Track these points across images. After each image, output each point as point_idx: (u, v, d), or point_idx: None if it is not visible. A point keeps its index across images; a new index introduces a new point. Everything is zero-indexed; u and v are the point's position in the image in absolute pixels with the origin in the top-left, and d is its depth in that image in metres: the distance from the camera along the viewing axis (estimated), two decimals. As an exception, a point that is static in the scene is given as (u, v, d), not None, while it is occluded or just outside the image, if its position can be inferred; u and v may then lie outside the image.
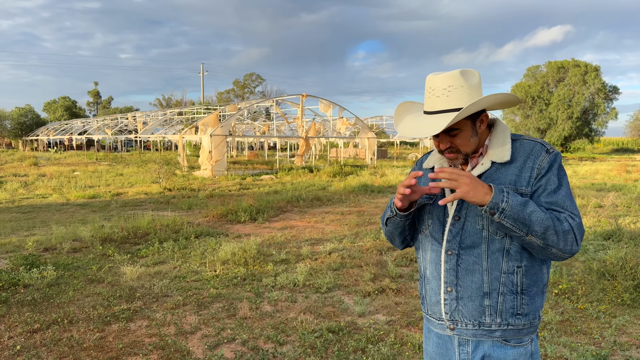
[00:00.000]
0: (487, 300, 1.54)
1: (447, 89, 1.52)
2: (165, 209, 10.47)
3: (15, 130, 51.69)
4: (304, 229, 8.24)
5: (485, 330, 1.55)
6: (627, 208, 10.06)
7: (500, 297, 1.53)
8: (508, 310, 1.53)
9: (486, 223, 1.53)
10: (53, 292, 4.80)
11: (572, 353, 3.47)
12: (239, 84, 66.22)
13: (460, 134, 1.55)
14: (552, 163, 1.53)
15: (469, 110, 1.49)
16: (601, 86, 39.49)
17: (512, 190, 1.52)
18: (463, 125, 1.55)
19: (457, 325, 1.59)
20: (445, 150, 1.59)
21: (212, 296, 4.71)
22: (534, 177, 1.53)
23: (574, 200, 1.52)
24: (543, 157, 1.54)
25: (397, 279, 5.25)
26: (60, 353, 3.50)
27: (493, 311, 1.53)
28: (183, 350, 3.54)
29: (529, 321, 1.55)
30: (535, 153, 1.55)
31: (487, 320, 1.54)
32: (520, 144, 1.59)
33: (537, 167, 1.53)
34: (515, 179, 1.54)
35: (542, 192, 1.51)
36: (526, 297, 1.54)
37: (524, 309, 1.54)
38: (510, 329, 1.54)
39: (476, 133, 1.58)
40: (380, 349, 3.53)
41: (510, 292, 1.53)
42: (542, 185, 1.52)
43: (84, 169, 21.21)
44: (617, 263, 4.97)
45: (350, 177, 17.57)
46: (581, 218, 1.52)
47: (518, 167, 1.55)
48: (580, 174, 19.40)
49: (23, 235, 7.63)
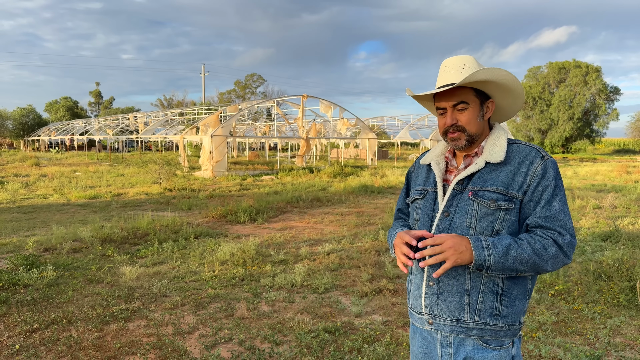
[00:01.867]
0: (467, 297, 1.55)
1: (461, 66, 1.59)
2: (165, 209, 10.51)
3: (17, 130, 51.81)
4: (303, 229, 8.27)
5: (463, 328, 1.57)
6: (626, 209, 10.07)
7: (480, 295, 1.54)
8: (487, 309, 1.54)
9: (474, 222, 1.55)
10: (52, 292, 4.84)
11: (566, 353, 3.49)
12: (240, 84, 66.32)
13: (468, 109, 1.60)
14: (547, 170, 1.54)
15: (486, 73, 1.54)
16: (602, 87, 39.47)
17: (503, 192, 1.54)
18: (472, 101, 1.60)
19: (436, 320, 1.61)
20: (451, 127, 1.62)
21: (210, 296, 4.75)
22: (527, 183, 1.54)
23: (568, 212, 1.54)
24: (537, 164, 1.55)
25: (394, 279, 5.27)
26: (58, 352, 3.54)
27: (472, 309, 1.55)
28: (180, 350, 3.58)
29: (507, 324, 1.56)
30: (530, 159, 1.56)
31: (465, 318, 1.56)
32: (516, 148, 1.61)
33: (531, 174, 1.54)
34: (508, 182, 1.55)
35: (537, 204, 1.52)
36: (506, 298, 1.55)
37: (503, 311, 1.55)
38: (487, 329, 1.55)
39: (482, 116, 1.63)
40: (376, 349, 3.56)
41: (491, 292, 1.54)
42: (537, 197, 1.53)
43: (85, 170, 21.27)
44: (613, 264, 4.99)
45: (350, 178, 17.59)
46: (573, 228, 1.53)
47: (512, 170, 1.57)
48: (581, 175, 19.40)
49: (23, 235, 7.67)
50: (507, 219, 1.54)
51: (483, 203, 1.54)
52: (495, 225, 1.54)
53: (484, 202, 1.54)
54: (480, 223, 1.54)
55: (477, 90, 1.62)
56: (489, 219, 1.54)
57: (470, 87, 1.60)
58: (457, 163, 1.69)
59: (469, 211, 1.56)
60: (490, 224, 1.54)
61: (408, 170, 1.90)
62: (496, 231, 1.54)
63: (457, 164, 1.69)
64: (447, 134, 1.64)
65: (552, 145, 41.95)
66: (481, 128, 1.64)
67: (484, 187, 1.56)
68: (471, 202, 1.56)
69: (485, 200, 1.54)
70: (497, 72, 1.57)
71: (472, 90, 1.61)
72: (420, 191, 1.73)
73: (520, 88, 1.63)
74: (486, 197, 1.55)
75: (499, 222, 1.54)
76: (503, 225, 1.54)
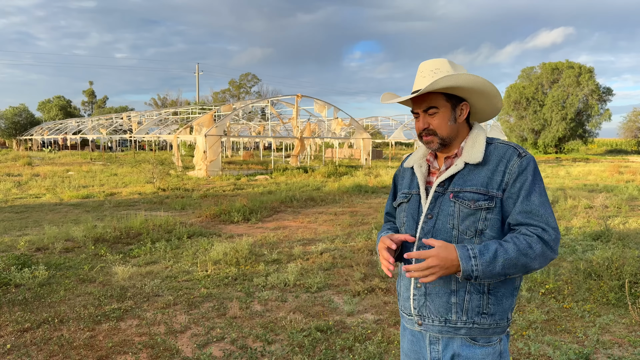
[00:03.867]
0: (454, 297, 1.57)
1: (433, 70, 1.61)
2: (158, 209, 10.48)
3: (9, 129, 51.47)
4: (297, 229, 8.28)
5: (451, 328, 1.58)
6: (617, 209, 10.16)
7: (467, 295, 1.56)
8: (474, 308, 1.55)
9: (456, 222, 1.57)
10: (44, 291, 4.82)
11: (555, 351, 3.53)
12: (234, 84, 66.19)
13: (438, 114, 1.62)
14: (524, 168, 1.55)
15: (447, 80, 1.54)
16: (595, 87, 39.74)
17: (483, 192, 1.55)
18: (442, 106, 1.62)
19: (425, 320, 1.63)
20: (423, 131, 1.65)
21: (203, 296, 4.75)
22: (505, 181, 1.56)
23: (548, 206, 1.54)
24: (514, 161, 1.56)
25: (386, 278, 5.30)
26: (50, 352, 3.53)
27: (459, 309, 1.56)
28: (172, 349, 3.58)
29: (495, 321, 1.57)
30: (507, 157, 1.58)
31: (452, 318, 1.57)
32: (494, 147, 1.62)
33: (509, 172, 1.55)
34: (487, 182, 1.57)
35: (516, 201, 1.53)
36: (493, 297, 1.56)
37: (490, 309, 1.56)
38: (475, 328, 1.57)
39: (454, 120, 1.64)
40: (368, 347, 3.58)
41: (477, 291, 1.55)
42: (515, 193, 1.54)
43: (78, 169, 21.16)
44: (603, 263, 5.04)
45: (344, 178, 17.62)
46: (556, 222, 1.53)
47: (490, 169, 1.58)
48: (573, 175, 19.54)
49: (15, 235, 7.63)
50: (490, 218, 1.55)
51: (464, 204, 1.56)
52: (478, 225, 1.55)
53: (465, 203, 1.56)
54: (462, 224, 1.56)
55: (449, 94, 1.63)
56: (471, 219, 1.55)
57: (440, 92, 1.61)
58: (439, 165, 1.71)
59: (451, 213, 1.58)
60: (472, 224, 1.55)
61: (395, 174, 1.92)
62: (479, 231, 1.55)
63: (438, 165, 1.71)
64: (421, 137, 1.68)
65: (545, 146, 42.19)
66: (454, 131, 1.65)
67: (464, 188, 1.58)
68: (452, 203, 1.58)
69: (465, 201, 1.56)
70: (462, 78, 1.56)
71: (442, 95, 1.62)
72: (405, 194, 1.75)
73: (492, 89, 1.63)
74: (466, 197, 1.56)
75: (482, 221, 1.55)
76: (486, 224, 1.55)
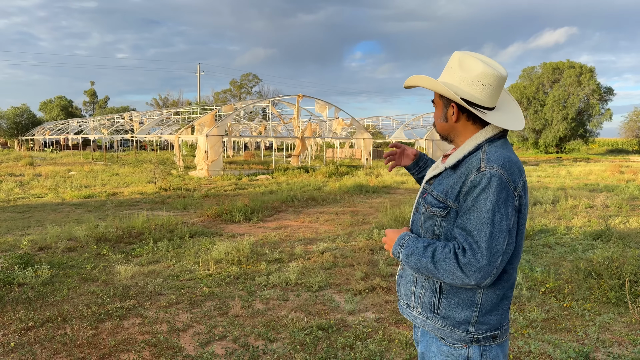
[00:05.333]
0: (413, 287, 1.68)
1: (448, 64, 1.66)
2: (160, 208, 10.51)
3: (11, 129, 51.57)
4: (298, 228, 8.30)
5: (410, 314, 1.70)
6: (618, 208, 10.17)
7: (422, 290, 1.65)
8: (427, 304, 1.63)
9: (421, 222, 1.65)
10: (47, 290, 4.85)
11: (555, 350, 3.55)
12: (235, 84, 66.19)
13: (436, 108, 1.71)
14: (477, 183, 1.45)
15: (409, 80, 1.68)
16: (596, 87, 39.74)
17: (441, 200, 1.55)
18: (437, 102, 1.69)
19: (399, 299, 1.77)
20: None
21: (205, 295, 4.78)
22: (462, 193, 1.50)
23: (485, 231, 1.41)
24: (472, 175, 1.48)
25: (387, 277, 5.32)
26: (54, 350, 3.56)
27: (416, 299, 1.67)
28: (175, 347, 3.61)
29: (448, 326, 1.57)
30: (470, 169, 1.50)
31: (411, 305, 1.69)
32: (476, 155, 1.53)
33: (465, 185, 1.49)
34: (448, 190, 1.55)
35: (460, 214, 1.50)
36: (445, 301, 1.58)
37: (442, 311, 1.59)
38: (429, 323, 1.63)
39: (445, 119, 1.65)
40: (368, 345, 3.60)
41: (430, 290, 1.62)
42: (462, 207, 1.49)
43: (80, 169, 21.21)
44: (603, 262, 5.06)
45: (345, 178, 17.64)
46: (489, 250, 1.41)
47: (456, 178, 1.54)
48: (574, 175, 19.55)
49: (18, 234, 7.67)
50: (444, 225, 1.56)
51: (425, 206, 1.63)
52: (435, 229, 1.59)
53: (425, 205, 1.63)
54: (424, 224, 1.63)
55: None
56: (430, 223, 1.61)
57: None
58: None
59: (421, 211, 1.67)
60: (430, 227, 1.61)
61: None
62: (436, 235, 1.59)
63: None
64: None
65: (546, 145, 42.18)
66: (446, 129, 1.67)
67: (433, 191, 1.62)
68: (422, 203, 1.66)
69: (426, 203, 1.62)
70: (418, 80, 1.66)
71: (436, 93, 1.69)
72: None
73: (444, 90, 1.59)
74: (427, 201, 1.62)
75: (437, 227, 1.58)
76: (441, 230, 1.57)
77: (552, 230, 7.75)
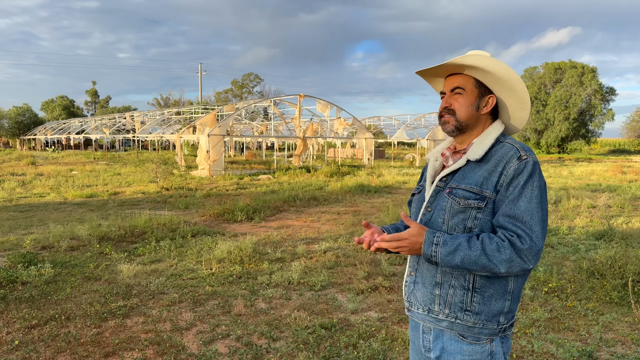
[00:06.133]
0: (438, 289, 1.59)
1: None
2: (162, 208, 10.53)
3: (13, 129, 51.65)
4: (300, 228, 8.31)
5: (433, 318, 1.61)
6: (620, 208, 10.16)
7: (451, 289, 1.57)
8: (457, 304, 1.56)
9: (447, 218, 1.59)
10: (50, 289, 4.86)
11: (558, 349, 3.55)
12: (237, 83, 66.23)
13: (463, 95, 1.63)
14: (521, 171, 1.50)
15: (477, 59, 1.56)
16: (598, 87, 39.69)
17: (476, 191, 1.54)
18: (469, 89, 1.63)
19: (412, 307, 1.69)
20: (443, 110, 1.66)
21: (208, 294, 4.78)
22: (500, 183, 1.52)
23: (537, 214, 1.47)
24: (512, 164, 1.52)
25: (390, 277, 5.33)
26: (57, 348, 3.57)
27: (442, 301, 1.58)
28: (178, 346, 3.62)
29: (480, 321, 1.55)
30: (507, 158, 1.54)
31: (435, 309, 1.60)
32: (501, 146, 1.58)
33: (505, 173, 1.52)
34: (482, 181, 1.55)
35: (503, 204, 1.50)
36: (479, 296, 1.54)
37: (475, 307, 1.54)
38: (458, 323, 1.56)
39: (477, 107, 1.63)
40: (371, 344, 3.61)
41: (461, 287, 1.55)
42: (506, 196, 1.50)
43: (82, 168, 21.24)
44: (606, 262, 5.05)
45: (347, 177, 17.64)
46: (542, 233, 1.47)
47: (489, 169, 1.56)
48: (576, 175, 19.52)
49: (21, 233, 7.68)
50: (480, 217, 1.54)
51: (455, 200, 1.57)
52: (467, 223, 1.55)
53: (456, 200, 1.56)
54: (452, 220, 1.57)
55: (479, 82, 1.64)
56: (460, 217, 1.55)
57: (471, 76, 1.63)
58: (455, 160, 1.71)
59: (443, 208, 1.59)
60: (462, 221, 1.55)
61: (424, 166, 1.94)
62: (468, 229, 1.55)
63: (453, 161, 1.71)
64: (441, 117, 1.68)
65: (548, 145, 42.14)
66: (473, 118, 1.64)
67: (460, 185, 1.58)
68: (447, 199, 1.59)
69: (457, 198, 1.56)
70: (492, 62, 1.56)
71: (473, 80, 1.63)
72: (418, 186, 1.82)
73: (522, 86, 1.60)
74: (458, 195, 1.56)
75: (471, 220, 1.54)
76: (475, 223, 1.54)
77: (554, 230, 7.74)
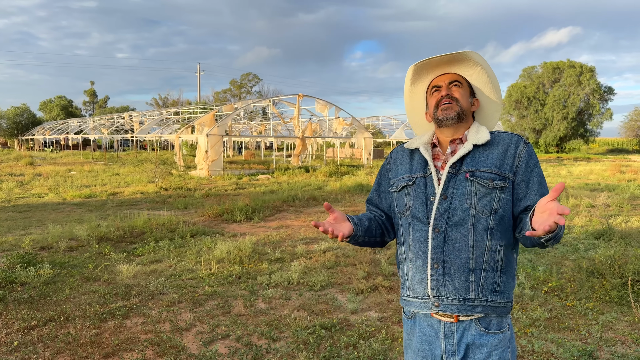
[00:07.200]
0: (472, 276, 1.61)
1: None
2: (161, 208, 10.51)
3: (11, 129, 51.57)
4: (299, 228, 8.30)
5: (469, 306, 1.61)
6: (619, 208, 10.17)
7: (483, 273, 1.61)
8: (488, 286, 1.62)
9: (474, 201, 1.61)
10: (50, 289, 4.85)
11: (558, 348, 3.55)
12: (235, 83, 66.18)
13: (461, 87, 1.74)
14: (531, 154, 1.67)
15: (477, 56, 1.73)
16: (596, 87, 39.71)
17: (497, 173, 1.63)
18: (465, 84, 1.76)
19: (443, 301, 1.63)
20: (445, 97, 1.72)
21: (207, 294, 4.78)
22: (515, 165, 1.64)
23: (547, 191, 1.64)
24: (522, 147, 1.67)
25: (389, 276, 5.32)
26: (57, 349, 3.56)
27: (476, 287, 1.61)
28: (178, 346, 3.61)
29: (503, 300, 1.65)
30: (515, 142, 1.68)
31: (470, 296, 1.61)
32: (497, 135, 1.72)
33: (518, 156, 1.65)
34: (499, 164, 1.64)
35: (529, 185, 1.63)
36: (504, 275, 1.64)
37: (501, 287, 1.64)
38: (489, 306, 1.62)
39: (471, 103, 1.77)
40: (372, 344, 3.60)
41: (492, 270, 1.62)
42: (527, 177, 1.64)
43: (80, 169, 21.20)
44: (605, 261, 5.05)
45: (346, 177, 17.64)
46: None
47: (501, 152, 1.66)
48: (575, 174, 19.54)
49: (19, 234, 7.66)
50: (503, 197, 1.62)
51: (482, 183, 1.61)
52: (494, 204, 1.61)
53: (483, 182, 1.61)
54: (479, 202, 1.61)
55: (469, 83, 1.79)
56: (487, 199, 1.61)
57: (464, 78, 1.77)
58: (443, 150, 1.75)
59: (468, 192, 1.62)
60: (489, 203, 1.61)
61: (383, 163, 1.91)
62: (494, 210, 1.61)
63: (442, 150, 1.75)
64: (439, 105, 1.72)
65: (547, 145, 42.18)
66: (468, 110, 1.75)
67: (479, 168, 1.63)
68: (469, 182, 1.62)
69: (483, 179, 1.61)
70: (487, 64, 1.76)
71: (465, 80, 1.77)
72: (408, 178, 1.74)
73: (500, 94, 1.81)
74: (484, 177, 1.62)
75: (496, 201, 1.61)
76: (500, 204, 1.61)
77: (553, 230, 7.73)
